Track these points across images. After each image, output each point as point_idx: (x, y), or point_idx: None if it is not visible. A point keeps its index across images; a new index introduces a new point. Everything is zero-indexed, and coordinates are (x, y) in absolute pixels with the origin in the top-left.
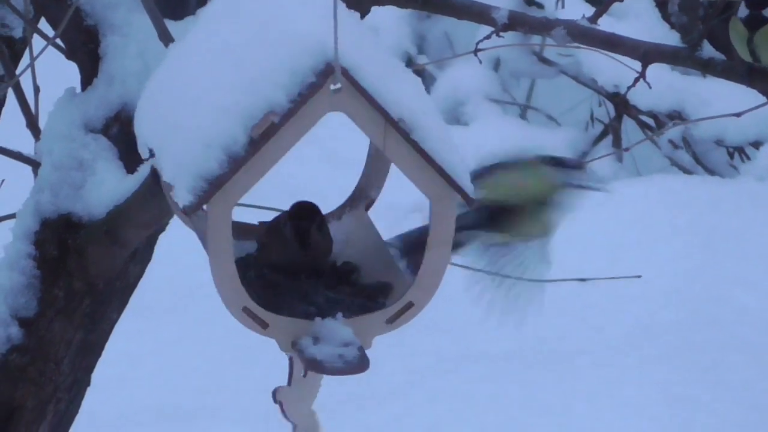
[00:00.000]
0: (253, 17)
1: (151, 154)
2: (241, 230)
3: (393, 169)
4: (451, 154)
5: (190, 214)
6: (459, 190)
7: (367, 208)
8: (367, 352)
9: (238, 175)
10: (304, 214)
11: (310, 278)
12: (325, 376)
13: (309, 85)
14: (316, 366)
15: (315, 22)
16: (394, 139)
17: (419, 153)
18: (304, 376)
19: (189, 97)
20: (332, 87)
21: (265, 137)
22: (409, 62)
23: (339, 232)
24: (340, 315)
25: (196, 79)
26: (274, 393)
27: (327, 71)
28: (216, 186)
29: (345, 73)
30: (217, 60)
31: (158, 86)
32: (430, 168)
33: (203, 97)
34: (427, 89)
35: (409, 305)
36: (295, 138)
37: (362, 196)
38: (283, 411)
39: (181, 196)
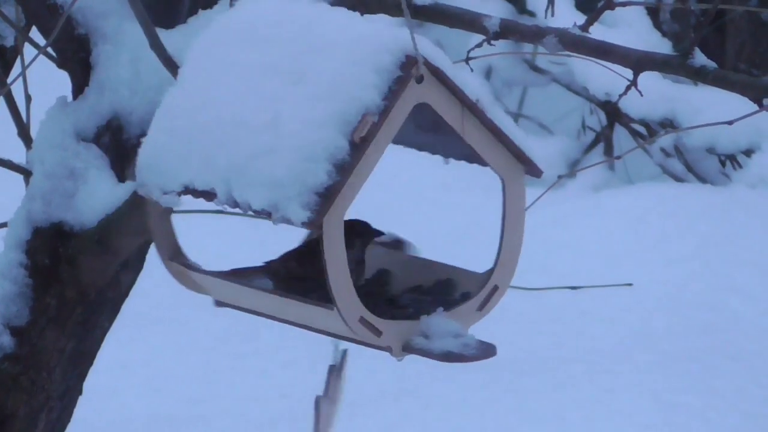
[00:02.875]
0: (277, 35)
1: (189, 191)
2: (248, 273)
3: None
4: (518, 131)
5: (313, 228)
6: (529, 162)
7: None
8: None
9: (348, 182)
10: (361, 232)
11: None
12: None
13: (397, 80)
14: (456, 358)
15: (362, 26)
16: (470, 121)
17: (493, 132)
18: (446, 360)
19: (253, 122)
20: (415, 76)
21: (368, 139)
22: None
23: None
24: (440, 309)
25: (249, 103)
26: (317, 402)
27: (410, 63)
28: (331, 197)
29: (426, 62)
30: (262, 80)
31: (183, 122)
32: (502, 146)
33: (279, 117)
34: None
35: (495, 288)
36: (391, 134)
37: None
38: (317, 421)
39: (296, 214)
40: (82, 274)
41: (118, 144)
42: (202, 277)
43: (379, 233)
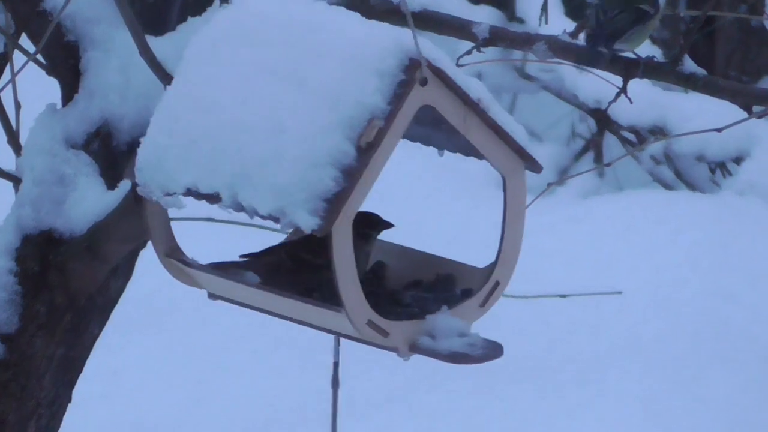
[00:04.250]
0: (283, 37)
1: (192, 194)
2: (231, 269)
3: None
4: (518, 128)
5: (322, 235)
6: (530, 158)
7: None
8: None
9: (356, 188)
10: (376, 222)
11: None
12: None
13: (401, 83)
14: (462, 359)
15: (363, 29)
16: (472, 120)
17: (494, 130)
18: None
19: (261, 126)
20: (419, 78)
21: (375, 143)
22: None
23: None
24: (445, 308)
25: (258, 108)
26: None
27: (413, 65)
28: (339, 203)
29: (430, 65)
30: (269, 83)
31: (200, 126)
32: (503, 143)
33: (284, 123)
34: None
35: (497, 284)
36: (397, 138)
37: None
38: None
39: (304, 220)
40: (71, 281)
41: (108, 151)
42: (197, 273)
43: (389, 225)
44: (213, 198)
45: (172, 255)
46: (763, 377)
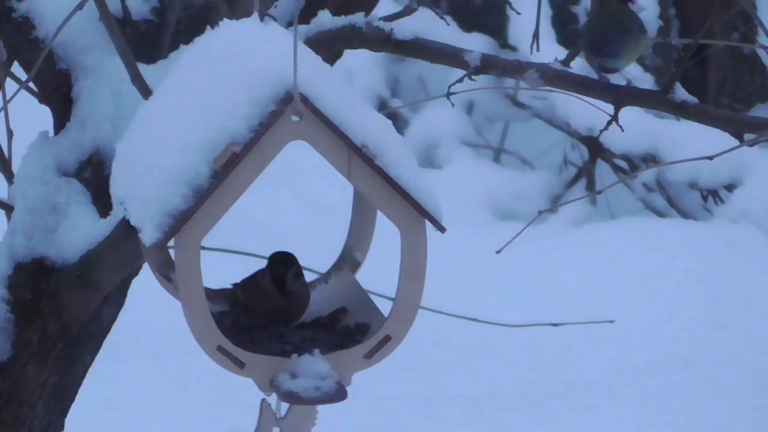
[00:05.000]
0: (214, 55)
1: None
2: (215, 295)
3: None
4: (418, 182)
5: (157, 249)
6: (428, 216)
7: (354, 270)
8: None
9: (203, 209)
10: (280, 261)
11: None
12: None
13: (269, 114)
14: (292, 398)
15: (274, 56)
16: (358, 166)
17: (385, 180)
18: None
19: (156, 139)
20: (293, 116)
21: (228, 168)
22: (383, 105)
23: (326, 293)
24: (317, 351)
25: (163, 122)
26: None
27: (287, 99)
28: (181, 220)
29: (305, 100)
30: (181, 99)
31: (131, 140)
32: (398, 196)
33: (169, 137)
34: (401, 132)
35: (387, 339)
36: (258, 168)
37: (348, 259)
38: None
39: (148, 233)
40: (64, 309)
41: (100, 179)
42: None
43: (298, 266)
44: (122, 206)
45: (161, 269)
46: (755, 405)
